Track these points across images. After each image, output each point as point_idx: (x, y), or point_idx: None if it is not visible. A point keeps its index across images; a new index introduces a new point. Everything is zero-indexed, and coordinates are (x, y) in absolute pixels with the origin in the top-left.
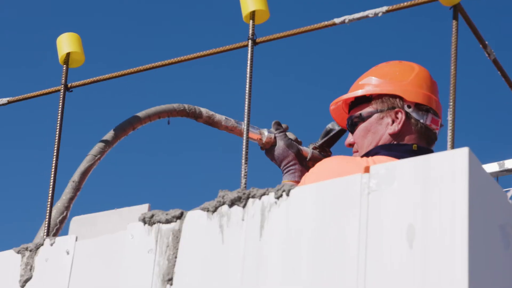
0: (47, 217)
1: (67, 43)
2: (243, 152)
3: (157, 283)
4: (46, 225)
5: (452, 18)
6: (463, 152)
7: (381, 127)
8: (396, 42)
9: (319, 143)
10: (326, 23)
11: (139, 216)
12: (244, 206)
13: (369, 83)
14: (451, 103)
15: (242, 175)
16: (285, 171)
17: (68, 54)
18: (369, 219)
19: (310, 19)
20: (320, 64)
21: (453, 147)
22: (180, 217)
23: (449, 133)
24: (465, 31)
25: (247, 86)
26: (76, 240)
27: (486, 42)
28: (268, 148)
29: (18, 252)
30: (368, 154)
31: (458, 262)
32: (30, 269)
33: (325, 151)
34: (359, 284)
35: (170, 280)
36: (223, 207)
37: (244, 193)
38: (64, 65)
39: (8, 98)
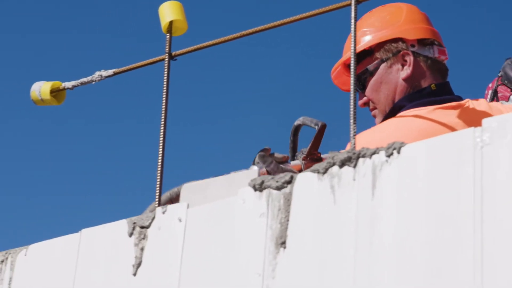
0: (158, 186)
1: (169, 12)
2: (351, 113)
3: (270, 246)
4: (157, 194)
5: None
6: None
7: (392, 75)
8: None
9: (306, 151)
10: None
11: (249, 183)
12: (354, 166)
13: (363, 37)
14: None
15: (351, 135)
16: None
17: (171, 23)
18: (484, 173)
19: None
20: None
21: None
22: (290, 181)
23: None
24: None
25: (352, 46)
26: (187, 207)
27: None
28: None
29: (131, 222)
30: (393, 109)
31: None
32: (144, 238)
33: (315, 155)
34: (476, 239)
35: (283, 243)
36: (333, 168)
37: (354, 153)
38: (168, 34)
39: (113, 70)
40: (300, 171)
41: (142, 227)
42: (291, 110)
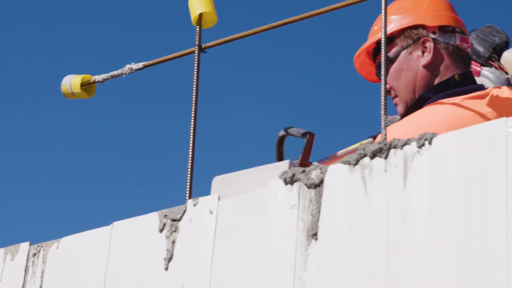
0: (188, 178)
1: (199, 4)
2: (382, 104)
3: (301, 238)
4: (188, 186)
5: None
6: None
7: (412, 62)
8: None
9: (298, 163)
10: None
11: (280, 176)
12: (386, 157)
13: None
14: None
15: (382, 126)
16: None
17: (200, 15)
18: None
19: None
20: None
21: None
22: (321, 182)
23: None
24: None
25: (383, 37)
26: (218, 200)
27: None
28: None
29: (162, 215)
30: (418, 101)
31: None
32: (175, 231)
33: (306, 166)
34: (509, 230)
35: (314, 235)
36: (365, 159)
37: (385, 144)
38: (197, 26)
39: (144, 63)
40: None
41: (173, 220)
42: (304, 108)
